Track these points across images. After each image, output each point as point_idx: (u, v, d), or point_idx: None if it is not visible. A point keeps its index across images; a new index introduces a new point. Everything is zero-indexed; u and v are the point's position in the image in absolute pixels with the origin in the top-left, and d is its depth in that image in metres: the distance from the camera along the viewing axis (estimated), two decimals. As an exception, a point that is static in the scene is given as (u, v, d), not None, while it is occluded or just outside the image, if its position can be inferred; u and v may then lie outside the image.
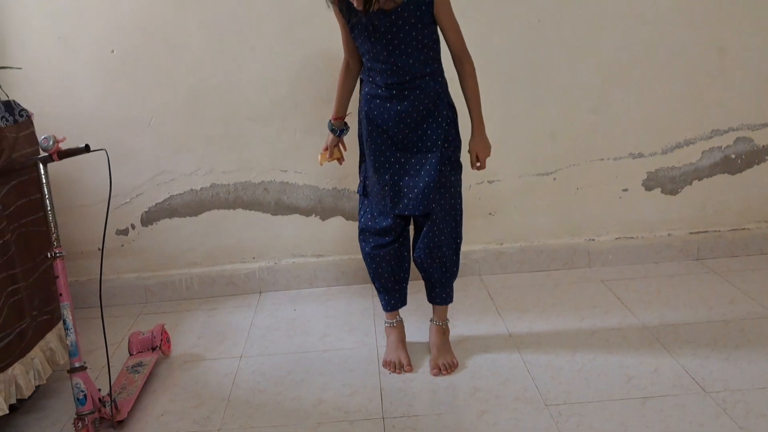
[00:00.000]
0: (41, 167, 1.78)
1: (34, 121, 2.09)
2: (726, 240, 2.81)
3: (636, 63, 2.63)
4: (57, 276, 1.77)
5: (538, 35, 2.59)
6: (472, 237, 2.74)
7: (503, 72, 2.61)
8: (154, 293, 2.78)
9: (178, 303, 2.76)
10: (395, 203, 2.02)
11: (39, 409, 2.03)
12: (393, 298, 2.18)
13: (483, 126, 2.03)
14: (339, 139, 2.20)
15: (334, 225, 2.77)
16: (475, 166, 2.07)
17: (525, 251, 2.80)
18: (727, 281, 2.60)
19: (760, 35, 2.63)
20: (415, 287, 2.36)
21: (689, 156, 2.75)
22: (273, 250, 2.79)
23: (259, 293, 2.79)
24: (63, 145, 1.81)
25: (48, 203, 1.78)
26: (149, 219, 2.73)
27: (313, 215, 2.76)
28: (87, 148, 1.78)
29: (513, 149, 2.66)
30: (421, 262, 2.10)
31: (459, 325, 2.37)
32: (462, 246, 2.16)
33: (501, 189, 2.75)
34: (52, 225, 1.78)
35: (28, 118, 2.05)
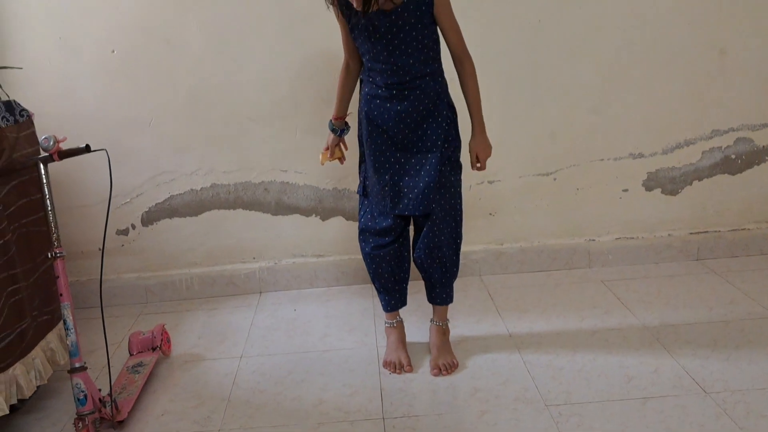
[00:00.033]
0: (42, 167, 1.78)
1: (34, 121, 2.09)
2: (726, 240, 2.81)
3: (636, 63, 2.63)
4: (57, 276, 1.77)
5: (538, 35, 2.59)
6: (472, 237, 2.74)
7: (503, 72, 2.61)
8: (154, 293, 2.78)
9: (178, 303, 2.76)
10: (395, 203, 2.02)
11: (39, 409, 2.03)
12: (393, 298, 2.18)
13: (483, 126, 2.03)
14: (340, 139, 2.21)
15: (334, 225, 2.77)
16: (476, 166, 2.07)
17: (525, 251, 2.80)
18: (728, 281, 2.60)
19: (760, 35, 2.63)
20: (415, 287, 2.37)
21: (689, 156, 2.75)
22: (273, 250, 2.79)
23: (260, 293, 2.79)
24: (63, 145, 1.81)
25: (48, 203, 1.78)
26: (149, 219, 2.73)
27: (314, 215, 2.76)
28: (87, 148, 1.78)
29: (513, 149, 2.66)
30: (421, 262, 2.10)
31: (459, 326, 2.37)
32: (462, 246, 2.16)
33: (501, 189, 2.75)
34: (52, 225, 1.78)
35: (28, 118, 2.05)
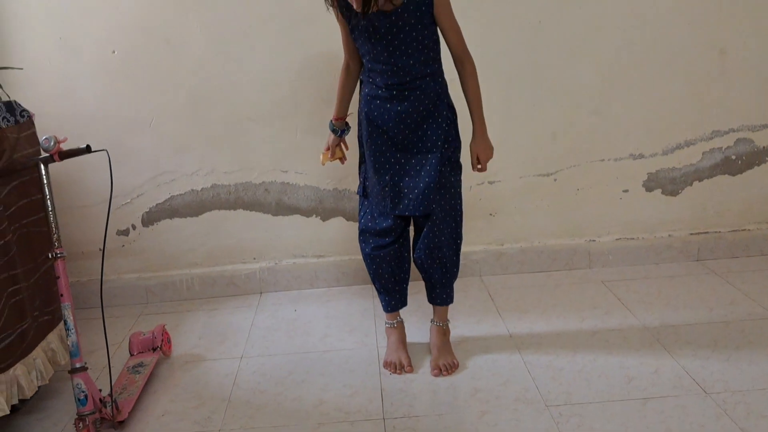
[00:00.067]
0: (42, 168, 1.78)
1: (35, 122, 2.09)
2: (726, 241, 2.81)
3: (636, 64, 2.63)
4: (58, 276, 1.77)
5: (538, 36, 2.59)
6: (472, 238, 2.74)
7: (503, 73, 2.61)
8: (154, 293, 2.78)
9: (178, 303, 2.76)
10: (395, 204, 2.02)
11: (40, 410, 2.03)
12: (393, 298, 2.18)
13: (484, 127, 2.02)
14: (340, 139, 2.21)
15: (334, 225, 2.77)
16: (476, 167, 2.06)
17: (525, 252, 2.80)
18: (728, 282, 2.60)
19: (760, 36, 2.63)
20: (416, 288, 2.37)
21: (690, 157, 2.75)
22: (274, 250, 2.79)
23: (260, 294, 2.80)
24: (64, 146, 1.81)
25: (49, 204, 1.78)
26: (150, 219, 2.73)
27: (314, 216, 2.76)
28: (88, 148, 1.78)
29: (513, 150, 2.66)
30: (422, 262, 2.10)
31: (459, 326, 2.37)
32: (462, 246, 2.16)
33: (501, 190, 2.75)
34: (53, 225, 1.78)
35: (29, 118, 2.05)
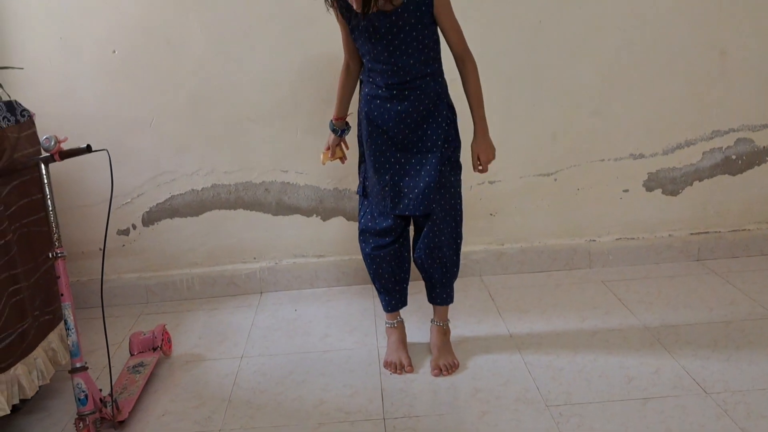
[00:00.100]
0: (43, 167, 1.78)
1: (35, 121, 2.09)
2: (726, 241, 2.81)
3: (636, 64, 2.63)
4: (58, 276, 1.77)
5: (538, 36, 2.59)
6: (472, 238, 2.74)
7: (504, 73, 2.61)
8: (155, 293, 2.78)
9: (179, 303, 2.76)
10: (395, 204, 2.02)
11: (41, 409, 2.03)
12: (393, 298, 2.18)
13: (486, 127, 2.01)
14: (341, 139, 2.21)
15: (335, 225, 2.77)
16: (477, 168, 2.05)
17: (526, 252, 2.80)
18: (728, 282, 2.60)
19: (760, 36, 2.63)
20: (416, 288, 2.37)
21: (690, 157, 2.75)
22: (274, 250, 2.79)
23: (260, 293, 2.80)
24: (65, 146, 1.81)
25: (49, 203, 1.78)
26: (150, 219, 2.73)
27: (314, 215, 2.76)
28: (89, 148, 1.78)
29: (514, 150, 2.66)
30: (422, 262, 2.10)
31: (460, 326, 2.37)
32: (462, 246, 2.16)
33: (502, 190, 2.75)
34: (53, 225, 1.78)
35: (29, 118, 2.05)
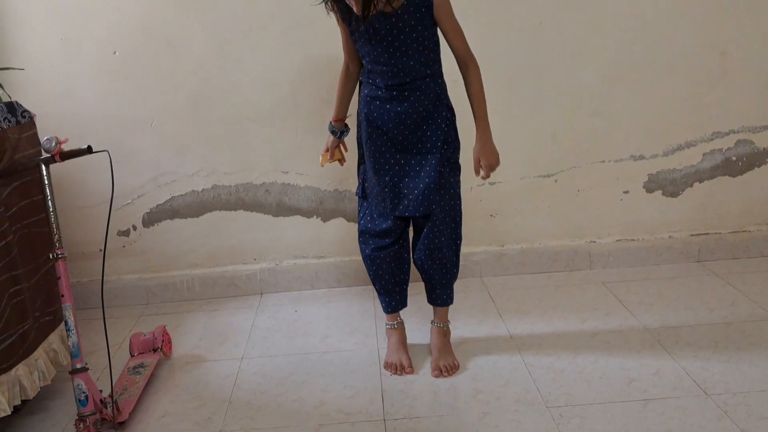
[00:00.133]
0: (43, 168, 1.78)
1: (36, 122, 2.09)
2: (727, 242, 2.81)
3: (637, 65, 2.63)
4: (59, 277, 1.77)
5: (539, 37, 2.59)
6: (473, 239, 2.74)
7: (504, 74, 2.61)
8: (155, 294, 2.78)
9: (179, 304, 2.76)
10: (395, 205, 2.02)
11: (41, 410, 2.03)
12: (393, 299, 2.18)
13: (489, 131, 1.96)
14: (340, 141, 2.21)
15: (335, 226, 2.77)
16: (479, 174, 1.99)
17: (526, 253, 2.80)
18: (728, 283, 2.60)
19: (761, 38, 2.64)
20: (416, 289, 2.37)
21: (690, 158, 2.75)
22: (274, 251, 2.79)
23: (261, 294, 2.80)
24: (65, 146, 1.81)
25: (50, 204, 1.78)
26: (151, 220, 2.73)
27: (315, 216, 2.76)
28: (89, 149, 1.78)
29: (514, 151, 2.66)
30: (422, 263, 2.10)
31: (460, 327, 2.37)
32: (463, 247, 2.16)
33: (502, 191, 2.75)
34: (54, 226, 1.78)
35: (30, 119, 2.05)
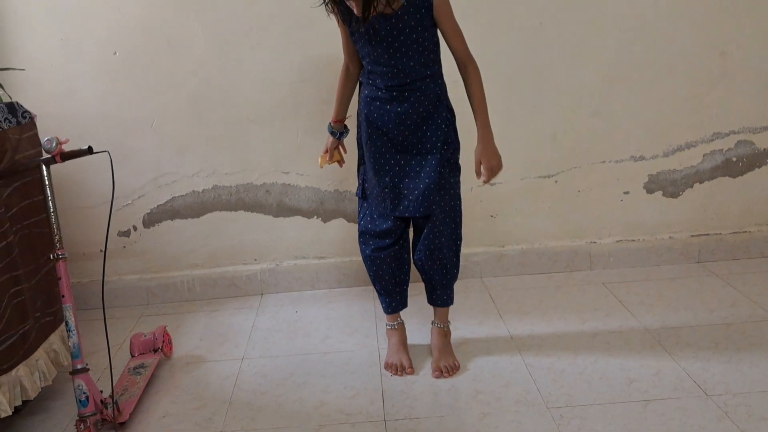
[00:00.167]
0: (44, 169, 1.78)
1: (36, 123, 2.09)
2: (727, 243, 2.81)
3: (637, 65, 2.63)
4: (59, 277, 1.77)
5: (539, 37, 2.59)
6: (473, 239, 2.74)
7: (504, 74, 2.61)
8: (155, 295, 2.78)
9: (179, 305, 2.76)
10: (395, 205, 2.02)
11: (42, 411, 2.03)
12: (394, 300, 2.19)
13: (490, 133, 1.94)
14: (339, 142, 2.21)
15: (335, 227, 2.77)
16: (480, 176, 1.96)
17: (526, 253, 2.80)
18: (729, 284, 2.60)
19: (761, 38, 2.63)
20: (416, 289, 2.37)
21: (690, 159, 2.75)
22: (275, 251, 2.79)
23: (261, 295, 2.80)
24: (66, 147, 1.81)
25: (51, 205, 1.78)
26: (151, 220, 2.73)
27: (315, 217, 2.76)
28: (90, 149, 1.78)
29: (514, 152, 2.65)
30: (422, 264, 2.10)
31: (460, 328, 2.37)
32: (463, 248, 2.16)
33: (502, 191, 2.75)
34: (54, 226, 1.78)
35: (31, 119, 2.05)
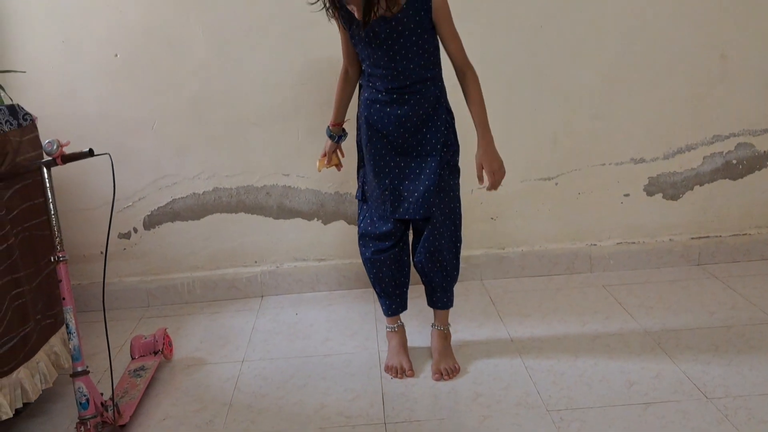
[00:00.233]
0: (45, 171, 1.78)
1: (37, 125, 2.09)
2: (727, 245, 2.82)
3: (637, 68, 2.64)
4: (60, 280, 1.77)
5: (539, 39, 2.59)
6: (473, 241, 2.74)
7: (505, 77, 2.61)
8: (156, 297, 2.78)
9: (180, 307, 2.76)
10: (395, 208, 2.02)
11: (42, 413, 2.03)
12: (394, 302, 2.19)
13: (490, 137, 1.93)
14: (337, 145, 2.21)
15: (335, 229, 2.77)
16: (482, 181, 1.95)
17: (526, 256, 2.80)
18: (729, 287, 2.60)
19: (761, 40, 2.64)
20: (416, 292, 2.37)
21: (691, 161, 2.75)
22: (275, 254, 2.79)
23: (261, 297, 2.80)
24: (67, 149, 1.81)
25: (51, 207, 1.78)
26: (152, 222, 2.73)
27: (315, 219, 2.76)
28: (91, 152, 1.78)
29: (515, 154, 2.65)
30: (422, 266, 2.10)
31: (460, 330, 2.37)
32: (463, 250, 2.16)
33: (503, 194, 2.73)
34: (55, 229, 1.78)
35: (31, 122, 2.05)
